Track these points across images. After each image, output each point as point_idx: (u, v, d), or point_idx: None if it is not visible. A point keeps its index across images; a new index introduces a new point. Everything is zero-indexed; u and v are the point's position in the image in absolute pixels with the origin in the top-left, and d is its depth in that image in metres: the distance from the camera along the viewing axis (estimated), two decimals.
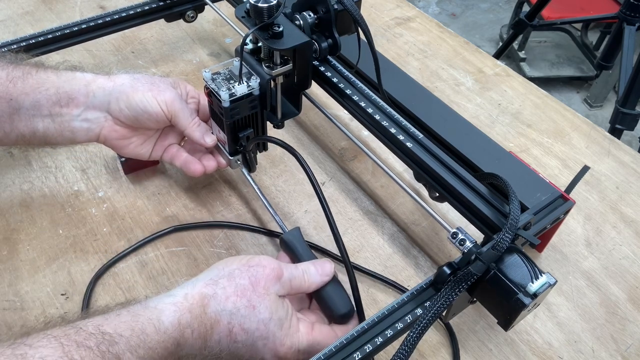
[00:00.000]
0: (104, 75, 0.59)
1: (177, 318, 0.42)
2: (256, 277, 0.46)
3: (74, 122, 0.57)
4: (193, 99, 0.63)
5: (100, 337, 0.39)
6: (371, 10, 1.01)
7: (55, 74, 0.57)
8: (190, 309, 0.43)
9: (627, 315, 0.59)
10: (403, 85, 0.64)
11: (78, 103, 0.57)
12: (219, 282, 0.46)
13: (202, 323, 0.43)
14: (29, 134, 0.57)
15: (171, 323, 0.42)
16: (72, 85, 0.57)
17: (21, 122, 0.56)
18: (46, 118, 0.56)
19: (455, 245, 0.47)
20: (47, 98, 0.56)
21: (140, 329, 0.40)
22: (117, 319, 0.41)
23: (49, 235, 0.63)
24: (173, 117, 0.59)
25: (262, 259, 0.48)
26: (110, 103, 0.57)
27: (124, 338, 0.39)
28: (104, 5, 0.97)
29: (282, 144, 0.57)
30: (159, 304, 0.43)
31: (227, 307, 0.44)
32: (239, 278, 0.46)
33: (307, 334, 0.47)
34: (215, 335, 0.44)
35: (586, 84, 2.32)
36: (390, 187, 0.70)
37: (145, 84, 0.58)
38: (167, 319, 0.42)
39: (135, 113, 0.58)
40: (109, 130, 0.59)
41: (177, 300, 0.44)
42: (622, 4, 1.50)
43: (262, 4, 0.51)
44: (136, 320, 0.41)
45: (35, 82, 0.56)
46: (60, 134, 0.58)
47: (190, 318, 0.43)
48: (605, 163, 0.75)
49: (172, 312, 0.42)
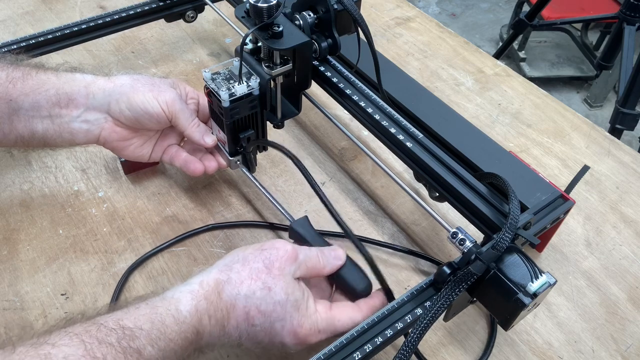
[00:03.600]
0: (103, 77, 0.59)
1: (194, 305, 0.42)
2: (270, 259, 0.46)
3: (73, 123, 0.57)
4: (192, 99, 0.63)
5: (121, 332, 0.39)
6: (371, 10, 1.01)
7: (56, 75, 0.57)
8: (206, 296, 0.43)
9: (627, 315, 0.59)
10: (403, 85, 0.64)
11: (78, 104, 0.57)
12: (233, 267, 0.46)
13: (219, 308, 0.43)
14: (28, 135, 0.57)
15: (189, 312, 0.42)
16: (72, 87, 0.57)
17: (20, 123, 0.56)
18: (45, 119, 0.56)
19: (455, 245, 0.47)
20: (46, 99, 0.56)
21: (159, 320, 0.41)
22: (136, 312, 0.41)
23: (49, 235, 0.63)
24: (173, 117, 0.59)
25: (276, 242, 0.48)
26: (110, 104, 0.57)
27: (144, 331, 0.40)
28: (104, 5, 0.97)
29: (281, 148, 0.57)
30: (176, 293, 0.43)
31: (242, 290, 0.44)
32: (253, 262, 0.46)
33: (325, 313, 0.47)
34: (233, 320, 0.44)
35: (586, 84, 2.32)
36: (390, 187, 0.71)
37: (145, 85, 0.58)
38: (184, 308, 0.42)
39: (135, 114, 0.57)
40: (109, 132, 0.59)
41: (193, 288, 0.44)
42: (622, 4, 1.50)
43: (261, 4, 0.51)
44: (155, 312, 0.41)
45: (35, 83, 0.56)
46: (60, 135, 0.58)
47: (207, 304, 0.43)
48: (605, 163, 0.75)
49: (189, 300, 0.43)
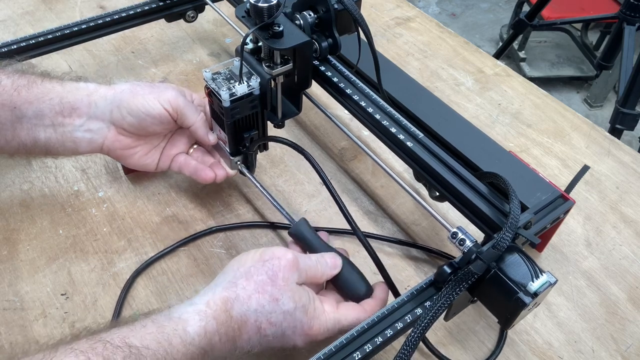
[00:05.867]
0: (106, 85, 0.59)
1: (203, 327, 0.42)
2: (273, 270, 0.46)
3: (76, 132, 0.57)
4: (200, 106, 0.62)
5: (127, 350, 0.39)
6: (371, 10, 1.01)
7: (60, 84, 0.57)
8: (215, 316, 0.43)
9: (627, 315, 0.59)
10: (403, 85, 0.64)
11: (80, 113, 0.57)
12: (238, 283, 0.46)
13: (230, 327, 0.44)
14: (31, 143, 0.57)
15: (197, 333, 0.42)
16: (75, 96, 0.57)
17: (23, 131, 0.56)
18: (48, 128, 0.56)
19: (455, 245, 0.47)
20: (50, 108, 0.56)
21: (166, 340, 0.41)
22: (143, 331, 0.41)
23: (49, 235, 0.63)
24: (179, 115, 0.58)
25: (276, 250, 0.48)
26: (112, 112, 0.57)
27: (150, 351, 0.39)
28: (104, 5, 0.97)
29: (293, 145, 0.58)
30: (183, 314, 0.43)
31: (251, 306, 0.44)
32: (257, 275, 0.46)
33: (333, 312, 0.48)
34: (245, 335, 0.44)
35: (586, 84, 2.32)
36: (390, 187, 0.70)
37: (145, 88, 0.58)
38: (192, 329, 0.42)
39: (138, 118, 0.57)
40: (112, 141, 0.59)
41: (200, 308, 0.44)
42: (622, 4, 1.50)
43: (262, 4, 0.51)
44: (162, 331, 0.41)
45: (39, 91, 0.55)
46: (62, 144, 0.58)
47: (217, 325, 0.43)
48: (605, 163, 0.75)
49: (196, 321, 0.43)
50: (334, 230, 0.65)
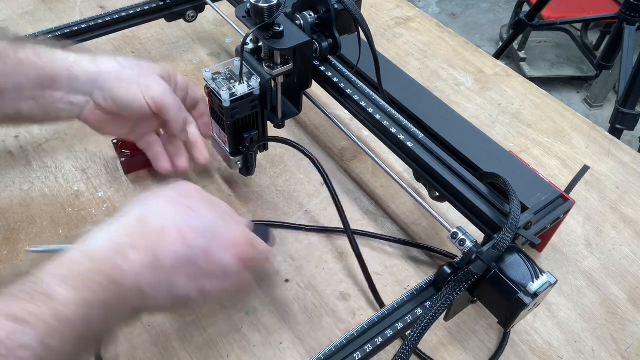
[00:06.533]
0: (88, 56, 0.58)
1: (110, 239, 0.41)
2: (180, 188, 0.47)
3: (57, 104, 0.57)
4: (181, 91, 0.62)
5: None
6: (371, 10, 1.01)
7: (35, 54, 0.55)
8: (128, 233, 0.42)
9: (627, 315, 0.59)
10: (403, 85, 0.64)
11: (60, 86, 0.56)
12: (148, 201, 0.45)
13: (145, 234, 0.42)
14: (15, 115, 0.56)
15: (100, 246, 0.41)
16: (54, 68, 0.56)
17: (5, 104, 0.55)
18: (29, 100, 0.56)
19: (455, 245, 0.47)
20: (27, 81, 0.55)
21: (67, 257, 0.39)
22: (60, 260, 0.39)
23: (49, 235, 0.63)
24: (161, 111, 0.58)
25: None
26: (93, 91, 0.57)
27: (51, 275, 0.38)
28: (104, 5, 0.97)
29: (295, 145, 0.58)
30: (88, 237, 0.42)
31: (168, 215, 0.44)
32: (166, 191, 0.46)
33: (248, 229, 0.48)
34: (163, 244, 0.42)
35: (586, 84, 2.32)
36: (390, 187, 0.70)
37: (132, 75, 0.57)
38: (96, 243, 0.41)
39: (119, 106, 0.57)
40: (89, 113, 0.58)
41: (109, 228, 0.42)
42: (622, 4, 1.50)
43: (262, 4, 0.51)
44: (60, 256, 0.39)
45: (14, 63, 0.54)
46: (46, 114, 0.57)
47: (130, 239, 0.41)
48: (605, 163, 0.75)
49: (101, 236, 0.41)
50: (334, 230, 0.64)
